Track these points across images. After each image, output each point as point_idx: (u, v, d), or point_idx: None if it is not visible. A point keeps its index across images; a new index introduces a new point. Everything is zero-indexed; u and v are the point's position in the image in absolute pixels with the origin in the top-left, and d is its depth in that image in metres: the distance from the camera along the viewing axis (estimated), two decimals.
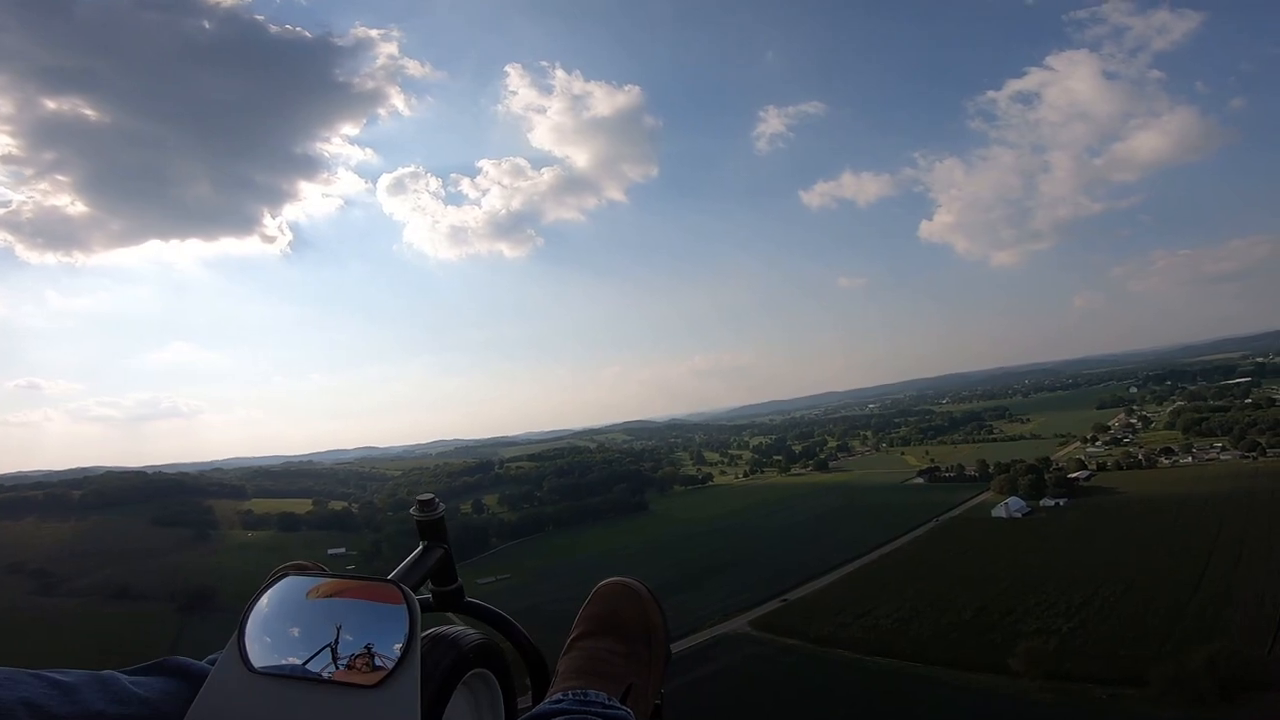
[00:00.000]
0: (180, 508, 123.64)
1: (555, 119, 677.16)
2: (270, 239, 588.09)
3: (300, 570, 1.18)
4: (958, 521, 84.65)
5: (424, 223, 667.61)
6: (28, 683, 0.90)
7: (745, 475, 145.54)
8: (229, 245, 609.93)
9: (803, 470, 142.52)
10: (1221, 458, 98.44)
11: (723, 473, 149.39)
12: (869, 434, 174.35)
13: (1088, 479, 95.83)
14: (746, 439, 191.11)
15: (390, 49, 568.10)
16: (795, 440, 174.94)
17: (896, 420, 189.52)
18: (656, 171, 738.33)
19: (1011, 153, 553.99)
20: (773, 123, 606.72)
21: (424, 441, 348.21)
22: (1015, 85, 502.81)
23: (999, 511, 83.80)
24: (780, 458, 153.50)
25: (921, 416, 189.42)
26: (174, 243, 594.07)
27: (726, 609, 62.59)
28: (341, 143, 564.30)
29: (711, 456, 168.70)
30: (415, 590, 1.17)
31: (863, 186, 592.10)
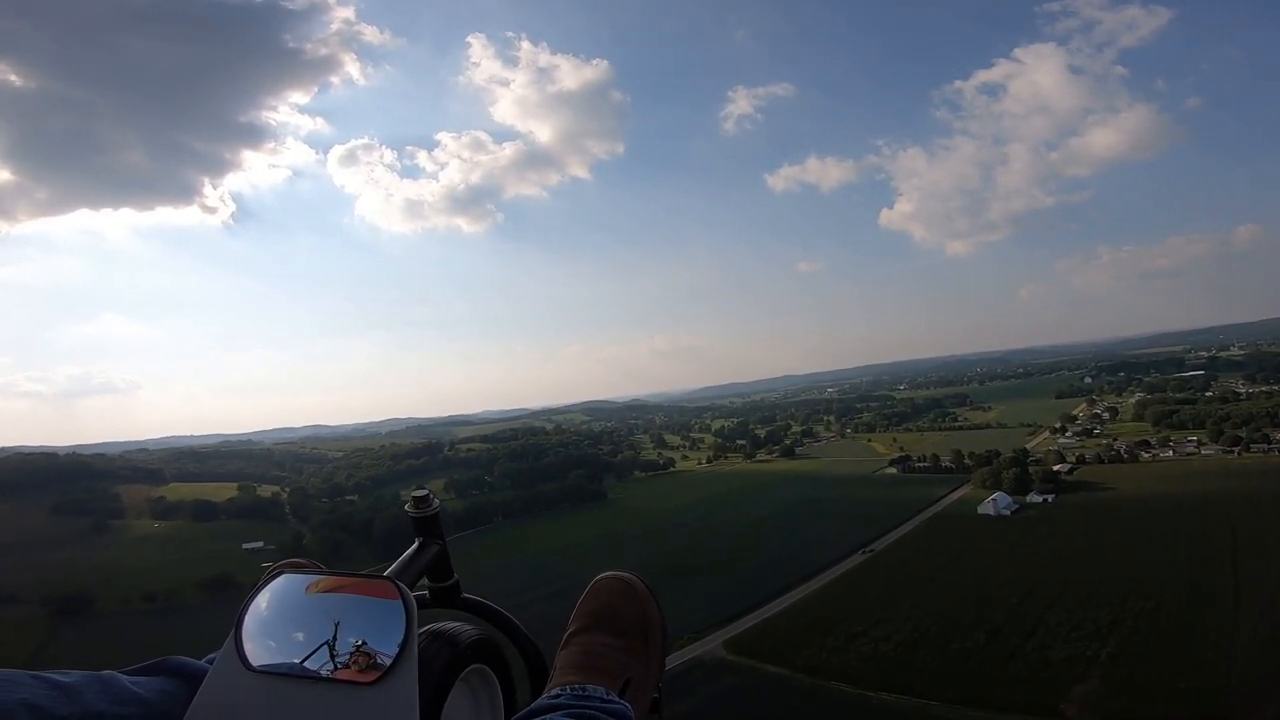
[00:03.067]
0: (84, 494, 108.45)
1: (519, 92, 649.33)
2: (211, 210, 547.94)
3: (296, 568, 1.16)
4: (943, 520, 76.85)
5: (378, 195, 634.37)
6: (28, 684, 0.90)
7: (709, 461, 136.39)
8: (165, 215, 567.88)
9: (768, 457, 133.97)
10: (1202, 453, 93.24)
11: (685, 458, 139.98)
12: (832, 419, 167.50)
13: (1070, 472, 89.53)
14: (708, 422, 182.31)
15: (346, 14, 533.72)
16: (758, 424, 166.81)
17: (858, 405, 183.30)
18: (622, 149, 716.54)
19: (973, 144, 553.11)
20: (741, 103, 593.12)
21: (376, 420, 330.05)
22: (983, 76, 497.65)
23: (986, 509, 76.32)
24: (744, 443, 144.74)
25: (882, 402, 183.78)
26: (105, 212, 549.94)
27: (697, 624, 52.87)
28: (290, 111, 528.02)
29: (673, 440, 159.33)
30: (412, 586, 1.15)
31: (827, 172, 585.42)
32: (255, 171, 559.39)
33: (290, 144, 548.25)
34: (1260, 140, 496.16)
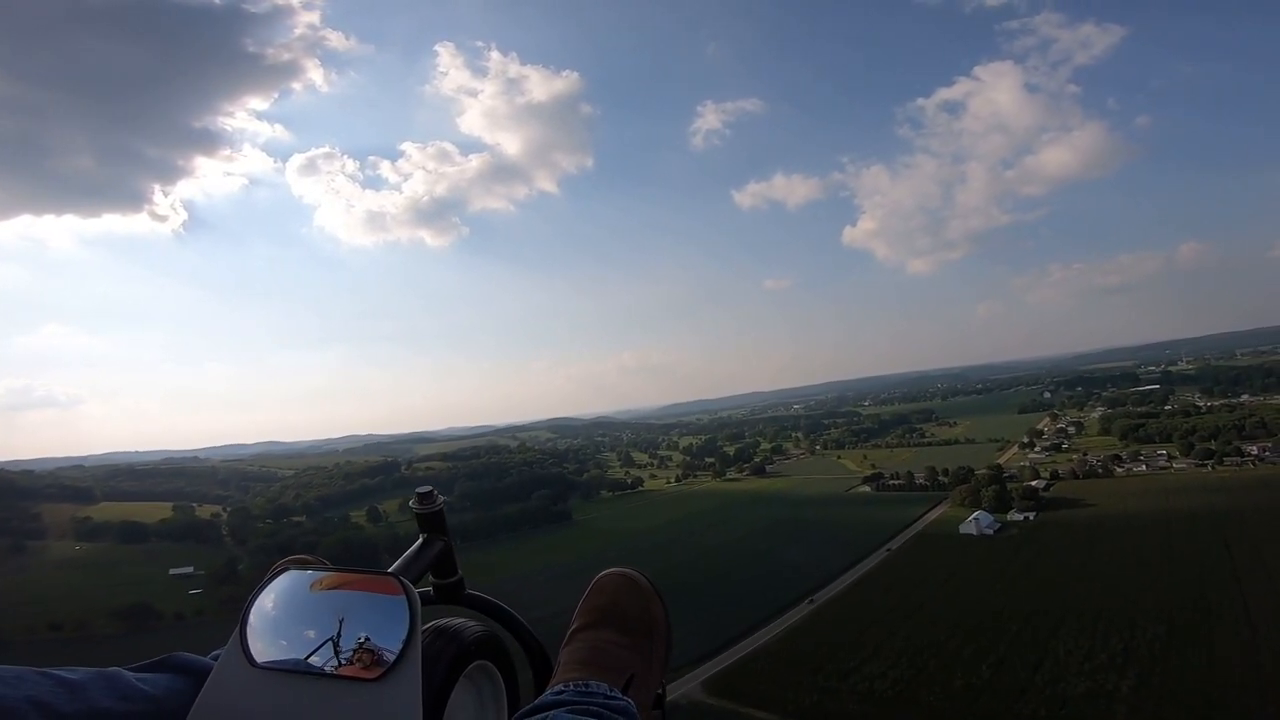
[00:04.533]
0: (3, 514, 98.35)
1: (488, 103, 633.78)
2: (161, 218, 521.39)
3: (301, 564, 1.15)
4: (926, 540, 72.74)
5: (338, 206, 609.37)
6: (34, 681, 0.89)
7: (677, 480, 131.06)
8: (113, 222, 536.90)
9: (739, 475, 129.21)
10: (1175, 467, 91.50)
11: (653, 476, 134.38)
12: (800, 436, 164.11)
13: (1046, 489, 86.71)
14: (676, 439, 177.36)
15: (311, 18, 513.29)
16: (726, 441, 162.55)
17: (825, 422, 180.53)
18: (591, 162, 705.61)
19: (934, 161, 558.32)
20: (710, 118, 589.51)
21: (335, 436, 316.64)
22: (944, 94, 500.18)
23: (968, 528, 72.52)
24: (713, 461, 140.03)
25: (849, 418, 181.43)
26: (48, 218, 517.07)
27: (672, 661, 47.00)
28: (248, 117, 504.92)
29: (640, 458, 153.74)
30: (416, 583, 1.14)
31: (793, 189, 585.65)
32: (209, 179, 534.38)
33: (247, 151, 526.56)
34: (1201, 159, 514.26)
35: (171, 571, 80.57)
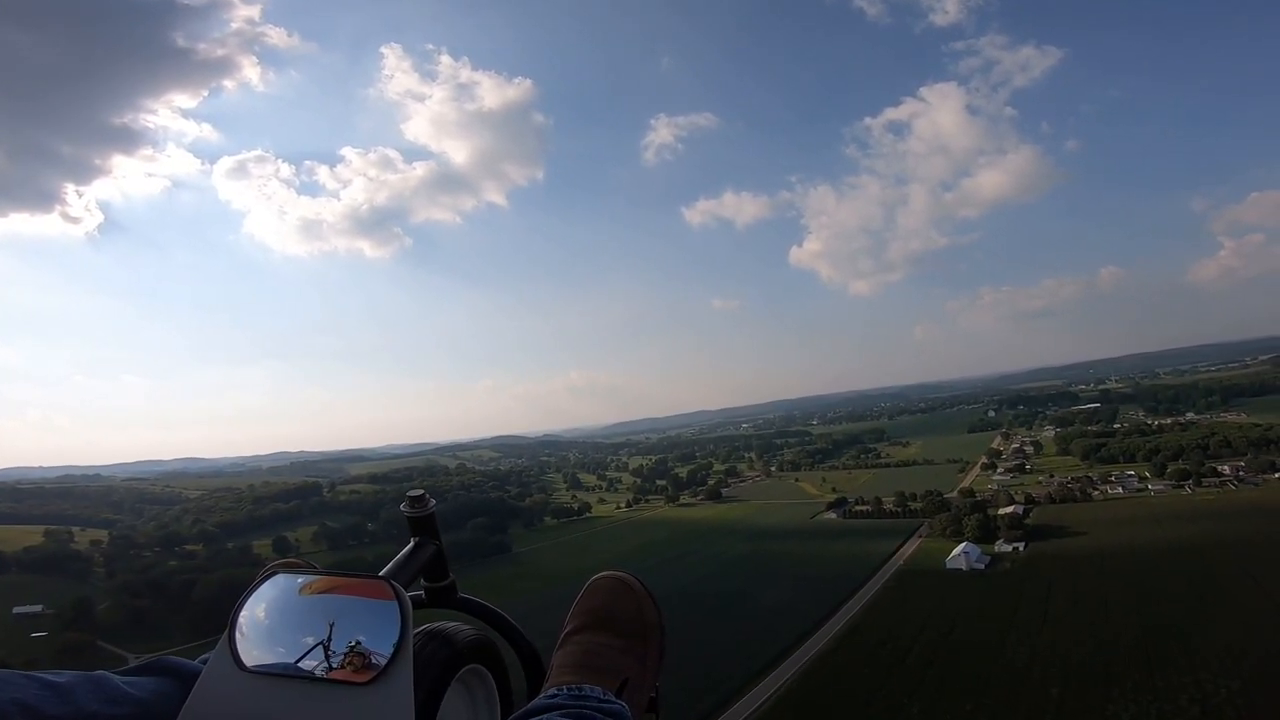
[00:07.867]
0: None
1: (436, 108, 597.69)
2: (74, 219, 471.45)
3: (290, 568, 1.13)
4: (912, 578, 62.75)
5: (270, 212, 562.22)
6: (20, 683, 0.87)
7: (628, 505, 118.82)
8: (20, 222, 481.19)
9: (693, 499, 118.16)
10: (1151, 489, 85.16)
11: (602, 501, 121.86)
12: (753, 457, 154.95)
13: (1026, 515, 78.73)
14: (625, 459, 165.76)
15: (250, 12, 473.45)
16: (677, 462, 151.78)
17: (776, 441, 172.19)
18: (541, 175, 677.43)
19: (878, 183, 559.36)
20: (662, 132, 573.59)
21: (263, 453, 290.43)
22: (891, 114, 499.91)
23: (956, 563, 63.30)
24: (665, 484, 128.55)
25: (801, 438, 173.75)
26: None
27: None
28: (172, 115, 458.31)
29: (588, 480, 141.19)
30: (407, 586, 1.11)
31: (742, 207, 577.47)
32: (128, 179, 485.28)
33: (171, 151, 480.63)
34: (1122, 184, 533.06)
35: (15, 609, 65.03)
